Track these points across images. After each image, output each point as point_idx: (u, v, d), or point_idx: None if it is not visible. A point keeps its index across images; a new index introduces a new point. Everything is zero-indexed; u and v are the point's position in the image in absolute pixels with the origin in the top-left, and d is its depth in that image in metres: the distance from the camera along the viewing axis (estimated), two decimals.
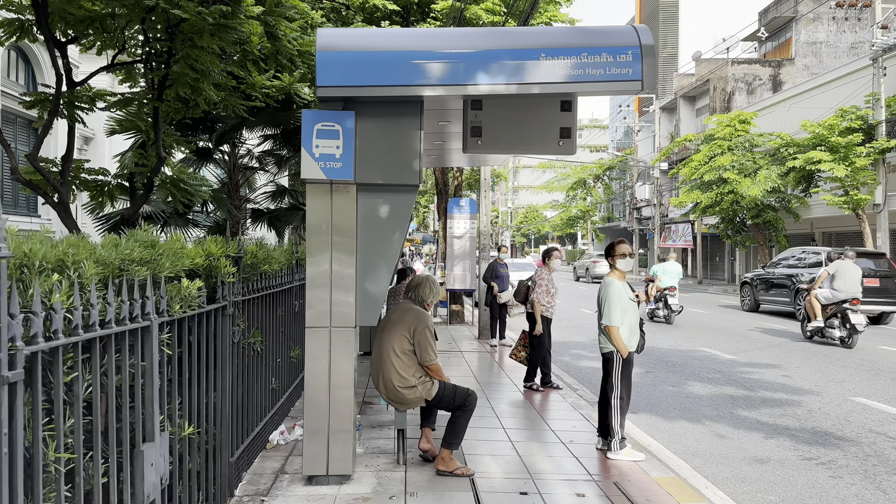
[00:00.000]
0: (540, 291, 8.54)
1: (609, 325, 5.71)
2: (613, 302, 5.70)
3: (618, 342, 5.72)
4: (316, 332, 4.92)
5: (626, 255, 5.86)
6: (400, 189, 5.05)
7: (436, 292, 5.36)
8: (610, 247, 5.97)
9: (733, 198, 28.73)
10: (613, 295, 5.72)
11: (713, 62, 44.00)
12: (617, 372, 5.80)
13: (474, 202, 14.91)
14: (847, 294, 13.34)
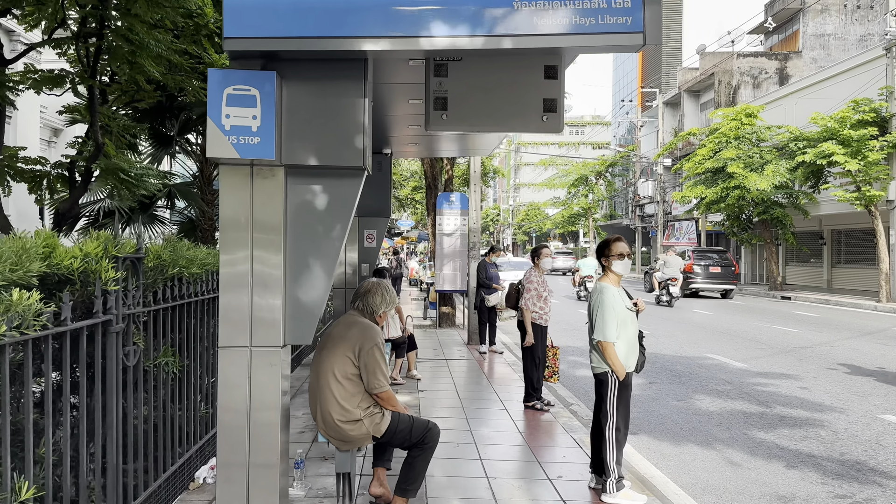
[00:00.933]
0: (530, 296, 7.51)
1: (603, 341, 4.70)
2: (608, 312, 4.69)
3: (613, 361, 4.71)
4: (231, 354, 3.90)
5: (623, 255, 4.85)
6: (340, 173, 4.03)
7: (389, 301, 4.34)
8: (603, 245, 4.94)
9: (739, 193, 27.67)
10: (608, 304, 4.71)
11: (718, 56, 42.93)
12: (612, 397, 4.79)
13: (465, 197, 13.88)
14: (670, 275, 22.31)
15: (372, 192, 9.71)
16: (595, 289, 4.85)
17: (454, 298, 15.47)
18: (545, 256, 7.61)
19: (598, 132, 76.06)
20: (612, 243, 4.87)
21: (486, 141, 9.09)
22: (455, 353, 11.39)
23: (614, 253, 4.83)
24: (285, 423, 4.08)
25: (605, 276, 4.90)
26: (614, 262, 4.84)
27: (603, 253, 4.90)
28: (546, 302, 7.56)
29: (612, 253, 4.84)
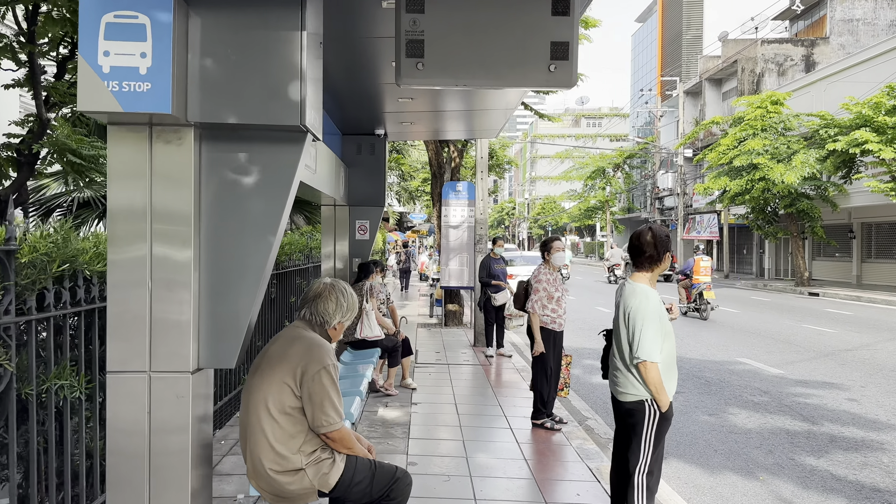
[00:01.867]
0: (538, 298, 6.43)
1: (646, 361, 3.61)
2: (651, 323, 3.60)
3: (657, 387, 3.62)
4: (123, 382, 2.89)
5: (663, 255, 3.78)
6: (274, 137, 3.01)
7: (347, 307, 3.29)
8: (637, 238, 3.85)
9: (764, 185, 26.36)
10: (652, 313, 3.63)
11: (740, 42, 41.44)
12: (649, 433, 3.70)
13: (473, 186, 12.81)
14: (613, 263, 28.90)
15: (364, 177, 8.68)
16: (629, 290, 3.75)
17: (462, 295, 14.42)
18: (557, 250, 6.51)
19: (616, 124, 74.53)
20: (654, 235, 3.80)
21: (491, 119, 8.01)
22: (459, 357, 10.34)
23: (660, 247, 3.78)
24: (201, 476, 3.06)
25: (638, 274, 3.82)
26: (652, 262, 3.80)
27: (640, 251, 3.81)
28: (559, 303, 6.48)
29: (658, 250, 3.78)
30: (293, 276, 9.31)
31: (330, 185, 6.95)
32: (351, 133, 8.62)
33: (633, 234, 3.85)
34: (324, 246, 8.78)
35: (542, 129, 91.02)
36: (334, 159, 7.30)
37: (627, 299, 3.70)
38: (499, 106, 7.08)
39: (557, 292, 6.46)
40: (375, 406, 7.03)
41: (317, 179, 6.09)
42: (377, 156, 8.71)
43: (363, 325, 7.18)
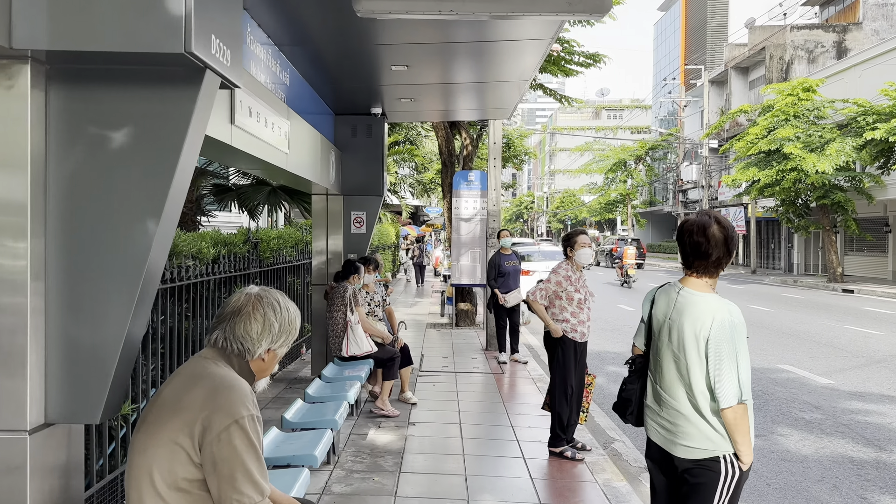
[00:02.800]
0: (544, 288, 5.39)
1: (731, 407, 2.56)
2: (744, 351, 2.59)
3: (745, 437, 2.60)
4: None
5: (733, 254, 2.74)
6: (154, 76, 2.02)
7: (281, 330, 2.27)
8: (700, 232, 2.72)
9: (796, 176, 25.05)
10: (742, 335, 2.61)
11: (768, 29, 39.93)
12: (722, 501, 2.65)
13: (486, 176, 11.78)
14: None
15: (360, 163, 7.70)
16: (695, 305, 2.70)
17: (474, 293, 13.41)
18: (582, 246, 5.45)
19: (637, 116, 73.01)
20: (719, 229, 2.72)
21: (503, 94, 6.98)
22: (468, 363, 9.34)
23: (730, 242, 2.74)
24: None
25: (690, 279, 2.78)
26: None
27: (697, 252, 2.74)
28: (581, 307, 5.44)
29: (724, 247, 2.72)
30: (283, 274, 8.36)
31: (313, 170, 5.97)
32: (344, 113, 7.64)
33: (686, 227, 2.78)
34: (315, 240, 7.83)
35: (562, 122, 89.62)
36: (320, 141, 6.32)
37: (699, 318, 2.64)
38: (511, 76, 6.05)
39: (579, 293, 5.42)
40: (366, 427, 6.05)
41: (292, 162, 5.10)
42: (375, 138, 7.73)
43: (349, 342, 6.19)
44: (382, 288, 7.26)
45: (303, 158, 5.55)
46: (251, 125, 3.94)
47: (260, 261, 7.34)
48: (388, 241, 24.77)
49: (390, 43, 5.03)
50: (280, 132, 4.71)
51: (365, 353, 6.18)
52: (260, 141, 4.15)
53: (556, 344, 5.41)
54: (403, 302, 18.23)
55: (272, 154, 4.49)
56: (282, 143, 4.72)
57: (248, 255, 6.89)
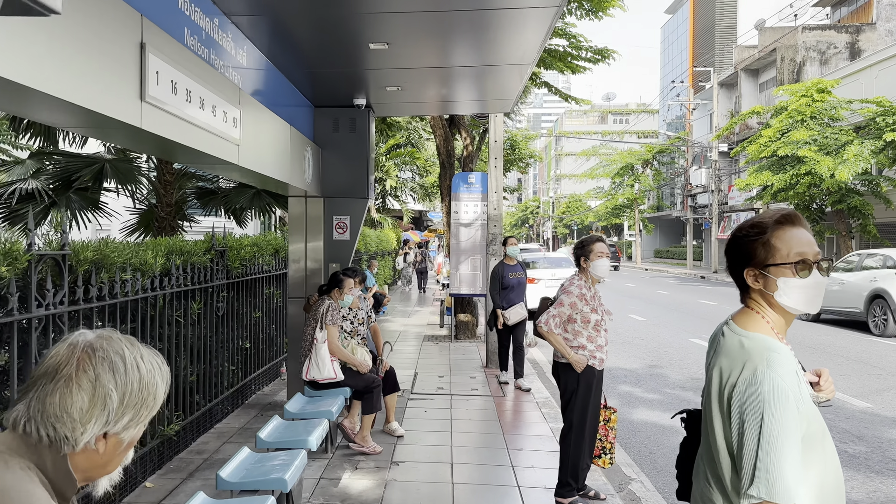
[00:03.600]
0: (558, 312, 4.50)
1: (756, 500, 1.67)
2: (785, 425, 1.65)
3: None
4: None
5: (815, 264, 1.83)
6: None
7: (124, 404, 1.42)
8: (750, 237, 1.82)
9: (810, 180, 24.10)
10: (782, 401, 1.65)
11: (778, 30, 39.02)
12: None
13: (487, 178, 10.92)
14: None
15: (343, 162, 6.84)
16: (731, 348, 1.82)
17: (475, 304, 12.52)
18: (599, 256, 4.55)
19: (643, 120, 72.06)
20: (790, 229, 1.83)
21: (503, 81, 6.10)
22: (466, 383, 8.46)
23: (798, 257, 1.80)
24: None
25: (744, 316, 1.87)
26: (791, 281, 1.81)
27: (750, 257, 1.86)
28: (599, 329, 4.55)
29: (797, 256, 1.81)
30: (258, 285, 7.51)
31: (279, 168, 5.10)
32: (325, 105, 6.79)
33: (744, 230, 1.90)
34: (291, 248, 6.96)
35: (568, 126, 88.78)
36: (290, 134, 5.46)
37: (729, 364, 1.77)
38: (512, 58, 5.18)
39: (596, 314, 4.53)
40: (340, 468, 5.17)
41: (248, 156, 4.25)
42: (359, 134, 6.87)
43: (310, 363, 5.32)
44: (367, 303, 6.39)
45: (264, 153, 4.69)
46: (175, 104, 3.09)
47: (227, 271, 6.49)
48: (388, 246, 23.90)
49: (367, 12, 4.18)
50: (227, 119, 3.86)
51: (326, 379, 5.30)
52: (191, 126, 3.29)
53: (573, 376, 4.52)
54: (402, 311, 17.36)
55: (212, 144, 3.63)
56: (228, 132, 3.86)
57: (211, 266, 6.04)
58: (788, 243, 1.79)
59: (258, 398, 7.36)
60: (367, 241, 18.21)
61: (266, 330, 7.95)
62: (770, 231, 1.81)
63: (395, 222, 30.17)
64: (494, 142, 9.48)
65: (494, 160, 9.52)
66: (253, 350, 7.45)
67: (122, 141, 3.23)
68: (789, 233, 1.80)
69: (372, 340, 6.33)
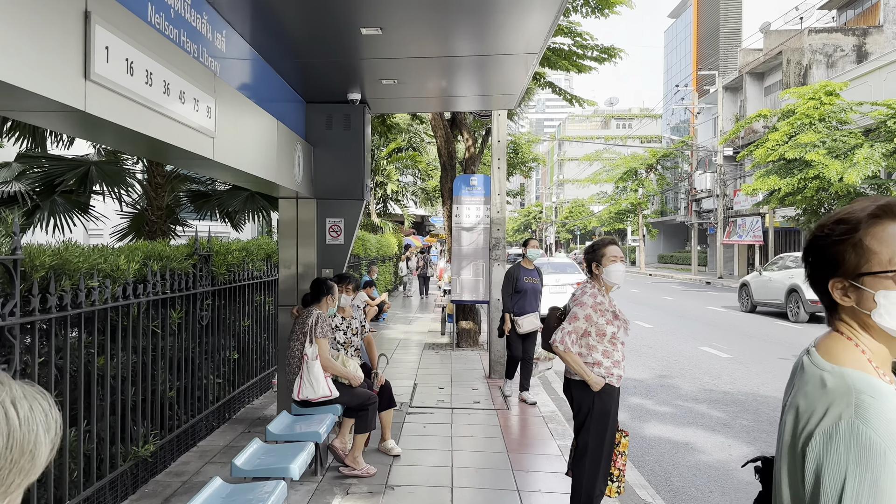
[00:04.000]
0: (573, 328, 4.06)
1: None
2: (878, 497, 1.19)
3: None
4: None
5: None
6: None
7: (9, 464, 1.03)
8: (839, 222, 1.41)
9: (819, 184, 23.67)
10: (871, 467, 1.19)
11: (784, 34, 38.64)
12: None
13: (490, 180, 10.51)
14: None
15: (337, 161, 6.43)
16: (808, 374, 1.39)
17: (477, 311, 12.09)
18: (612, 261, 4.10)
19: (647, 125, 71.66)
20: None
21: (507, 73, 5.68)
22: (468, 395, 8.03)
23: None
24: None
25: (845, 338, 1.46)
26: None
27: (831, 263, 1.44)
28: (615, 342, 4.11)
29: None
30: (247, 292, 7.10)
31: (265, 166, 4.69)
32: (317, 100, 6.38)
33: (826, 229, 1.47)
34: (282, 253, 6.55)
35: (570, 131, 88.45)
36: (277, 130, 5.05)
37: (809, 404, 1.34)
38: (517, 46, 4.77)
39: (612, 326, 4.10)
40: (330, 492, 4.74)
41: (225, 151, 3.84)
42: (354, 132, 6.47)
43: (302, 381, 4.89)
44: (362, 312, 5.97)
45: (245, 148, 4.28)
46: (132, 87, 2.68)
47: (212, 278, 6.07)
48: (389, 251, 23.48)
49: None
50: (199, 108, 3.44)
51: (321, 398, 4.87)
52: (152, 112, 2.88)
53: (588, 395, 4.08)
54: (402, 318, 16.93)
55: (180, 135, 3.21)
56: (201, 123, 3.44)
57: (193, 272, 5.63)
58: (890, 244, 1.34)
59: (247, 412, 6.94)
60: (367, 247, 17.80)
61: (257, 339, 7.53)
62: (863, 228, 1.36)
63: (397, 227, 29.76)
64: (497, 142, 9.06)
65: (497, 161, 9.10)
66: (242, 361, 7.03)
67: (69, 128, 2.82)
68: (890, 230, 1.35)
69: (366, 352, 5.90)
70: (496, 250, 9.26)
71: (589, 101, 12.92)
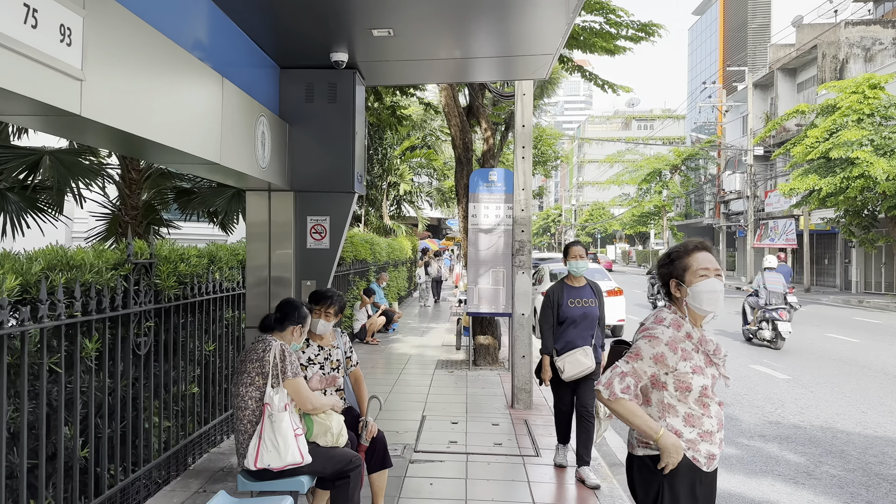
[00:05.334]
0: (629, 369, 2.61)
1: None
2: None
3: None
4: None
5: None
6: None
7: None
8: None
9: (863, 183, 22.01)
10: None
11: (818, 27, 36.89)
12: None
13: (512, 175, 9.08)
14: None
15: (319, 144, 5.02)
16: None
17: (496, 323, 10.64)
18: (703, 276, 2.64)
19: (669, 126, 69.81)
20: None
21: (536, 33, 4.29)
22: (487, 433, 6.58)
23: None
24: None
25: None
26: None
27: None
28: (707, 403, 2.66)
29: None
30: (211, 308, 5.72)
31: (197, 138, 3.31)
32: (294, 65, 4.99)
33: None
34: (250, 260, 5.15)
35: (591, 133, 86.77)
36: (222, 89, 3.66)
37: None
38: None
39: (701, 376, 2.65)
40: None
41: (99, 101, 2.42)
42: (342, 104, 5.07)
43: (262, 442, 3.46)
44: (345, 338, 4.55)
45: (152, 107, 2.88)
46: None
47: (156, 293, 4.69)
48: (402, 256, 22.06)
49: None
50: (48, 27, 2.05)
51: (290, 465, 3.45)
52: None
53: (655, 480, 2.66)
54: (415, 329, 15.51)
55: (15, 71, 1.83)
56: (53, 52, 2.06)
57: (126, 286, 4.25)
58: None
59: (209, 460, 5.54)
60: (376, 251, 16.40)
61: (228, 365, 6.14)
62: None
63: (411, 230, 28.33)
64: (522, 126, 7.61)
65: (522, 149, 7.64)
66: (205, 394, 5.65)
67: None
68: None
69: (352, 391, 4.47)
70: (520, 255, 7.80)
71: (624, 88, 11.47)
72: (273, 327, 3.71)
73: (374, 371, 9.96)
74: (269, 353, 3.53)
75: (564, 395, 5.47)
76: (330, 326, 4.26)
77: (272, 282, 5.09)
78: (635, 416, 2.65)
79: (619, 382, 2.64)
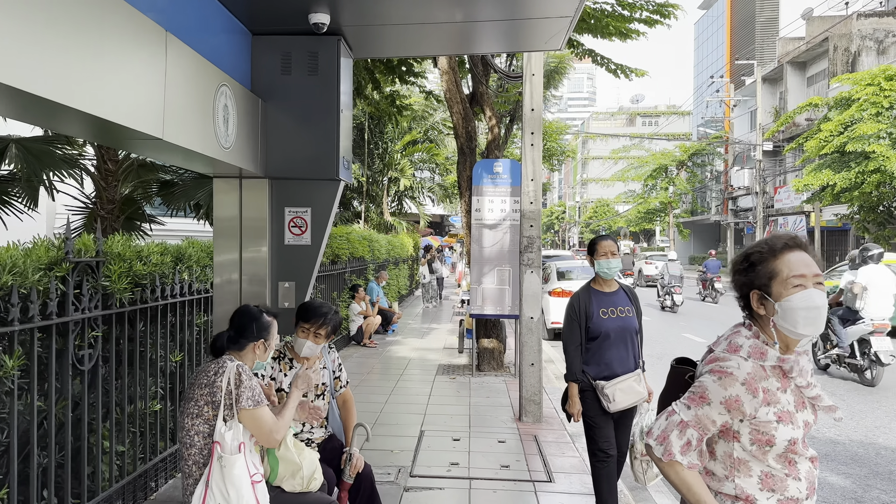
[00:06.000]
0: (692, 418, 1.91)
1: None
2: None
3: None
4: None
5: None
6: None
7: None
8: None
9: (879, 178, 21.26)
10: None
11: (828, 20, 36.07)
12: None
13: (519, 166, 8.37)
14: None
15: (298, 123, 4.29)
16: None
17: (501, 326, 9.93)
18: (799, 286, 1.90)
19: (674, 122, 68.92)
20: None
21: None
22: (492, 453, 5.88)
23: None
24: None
25: None
26: None
27: None
28: (794, 460, 1.95)
29: None
30: (178, 312, 5.01)
31: (128, 108, 2.58)
32: (268, 31, 4.28)
33: None
34: (217, 257, 4.44)
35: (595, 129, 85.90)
36: (163, 44, 2.94)
37: None
38: None
39: (788, 427, 1.92)
40: None
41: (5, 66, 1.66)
42: (324, 77, 4.36)
43: (209, 490, 2.74)
44: (334, 355, 3.84)
45: (76, 65, 2.18)
46: None
47: (105, 297, 3.98)
48: (403, 254, 21.34)
49: None
50: None
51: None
52: None
53: None
54: (415, 329, 14.80)
55: None
56: None
57: (62, 289, 3.55)
58: None
59: (173, 488, 4.84)
60: (375, 248, 15.69)
61: None
62: None
63: (412, 227, 27.59)
64: (531, 110, 6.87)
65: (531, 136, 6.91)
66: (167, 413, 4.95)
67: None
68: None
69: (338, 417, 3.75)
70: (529, 253, 7.08)
71: (637, 72, 10.73)
72: (227, 348, 3.00)
73: (370, 377, 9.26)
74: (222, 378, 2.82)
75: (608, 433, 4.10)
76: (318, 350, 3.55)
77: (243, 284, 4.38)
78: (690, 493, 1.94)
79: (677, 438, 1.93)
